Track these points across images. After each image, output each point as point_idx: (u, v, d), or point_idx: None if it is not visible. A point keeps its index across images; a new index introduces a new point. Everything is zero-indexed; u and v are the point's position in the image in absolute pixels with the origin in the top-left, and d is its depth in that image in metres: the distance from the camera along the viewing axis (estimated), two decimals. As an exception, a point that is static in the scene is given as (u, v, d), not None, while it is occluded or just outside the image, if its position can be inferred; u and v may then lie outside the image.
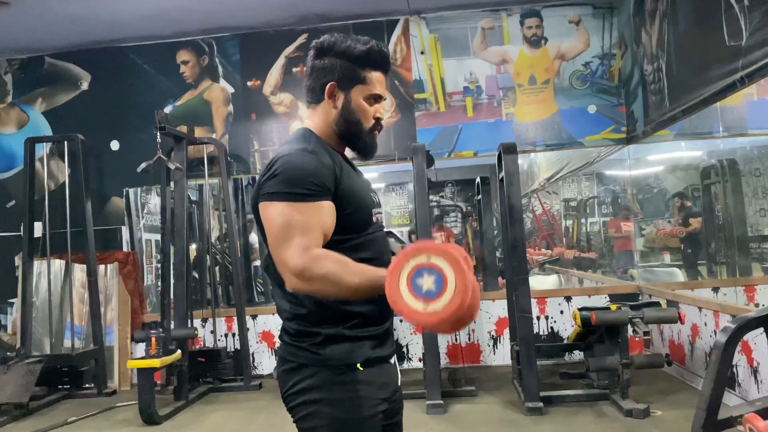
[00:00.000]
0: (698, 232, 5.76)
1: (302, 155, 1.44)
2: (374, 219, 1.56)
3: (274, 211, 1.39)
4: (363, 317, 1.48)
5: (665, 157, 6.29)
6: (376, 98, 1.56)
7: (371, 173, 7.06)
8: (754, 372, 3.45)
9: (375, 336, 1.49)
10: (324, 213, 1.41)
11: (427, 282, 1.22)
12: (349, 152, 1.62)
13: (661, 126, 4.62)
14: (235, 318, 5.42)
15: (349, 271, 1.33)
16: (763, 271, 5.40)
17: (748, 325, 2.43)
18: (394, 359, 1.59)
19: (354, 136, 1.56)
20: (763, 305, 4.13)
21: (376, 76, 1.55)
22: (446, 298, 1.20)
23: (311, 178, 1.40)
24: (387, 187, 9.23)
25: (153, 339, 4.32)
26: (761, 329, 2.47)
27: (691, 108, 4.04)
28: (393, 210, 9.31)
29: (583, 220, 7.94)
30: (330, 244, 1.41)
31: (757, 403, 2.41)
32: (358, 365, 1.45)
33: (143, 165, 4.64)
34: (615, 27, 5.40)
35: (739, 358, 3.58)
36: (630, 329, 3.89)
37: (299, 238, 1.35)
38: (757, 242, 5.62)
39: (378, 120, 1.58)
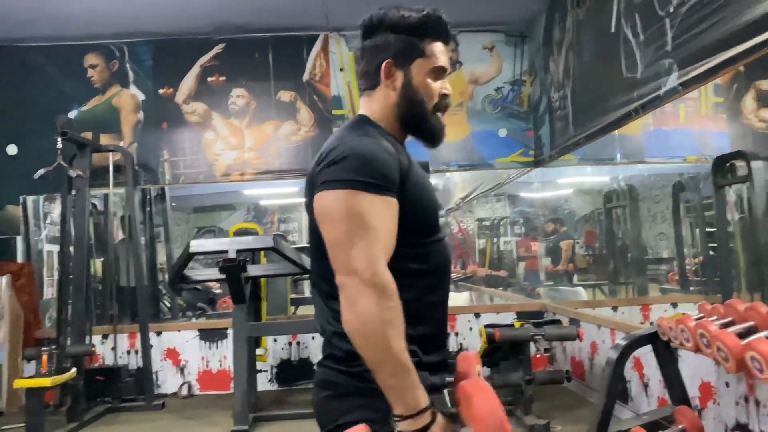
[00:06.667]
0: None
1: (366, 140, 1.25)
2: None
3: (334, 200, 1.17)
4: (427, 340, 1.28)
5: (571, 181, 6.61)
6: (440, 72, 1.36)
7: (290, 187, 6.95)
8: (645, 387, 3.63)
9: (435, 363, 1.29)
10: (392, 213, 1.20)
11: None
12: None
13: (566, 151, 4.83)
14: (138, 334, 5.18)
15: (401, 346, 1.14)
16: (660, 291, 5.74)
17: (636, 343, 2.57)
18: None
19: (418, 118, 1.36)
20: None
21: (437, 47, 1.36)
22: None
23: (380, 168, 1.19)
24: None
25: (44, 356, 4.05)
26: (649, 346, 2.61)
27: (593, 134, 4.24)
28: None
29: (495, 240, 8.17)
30: None
31: (644, 417, 2.54)
32: None
33: (41, 171, 4.43)
34: (526, 55, 5.62)
35: (632, 374, 3.75)
36: (533, 346, 4.01)
37: (369, 239, 1.14)
38: (655, 264, 5.98)
39: (444, 97, 1.37)
